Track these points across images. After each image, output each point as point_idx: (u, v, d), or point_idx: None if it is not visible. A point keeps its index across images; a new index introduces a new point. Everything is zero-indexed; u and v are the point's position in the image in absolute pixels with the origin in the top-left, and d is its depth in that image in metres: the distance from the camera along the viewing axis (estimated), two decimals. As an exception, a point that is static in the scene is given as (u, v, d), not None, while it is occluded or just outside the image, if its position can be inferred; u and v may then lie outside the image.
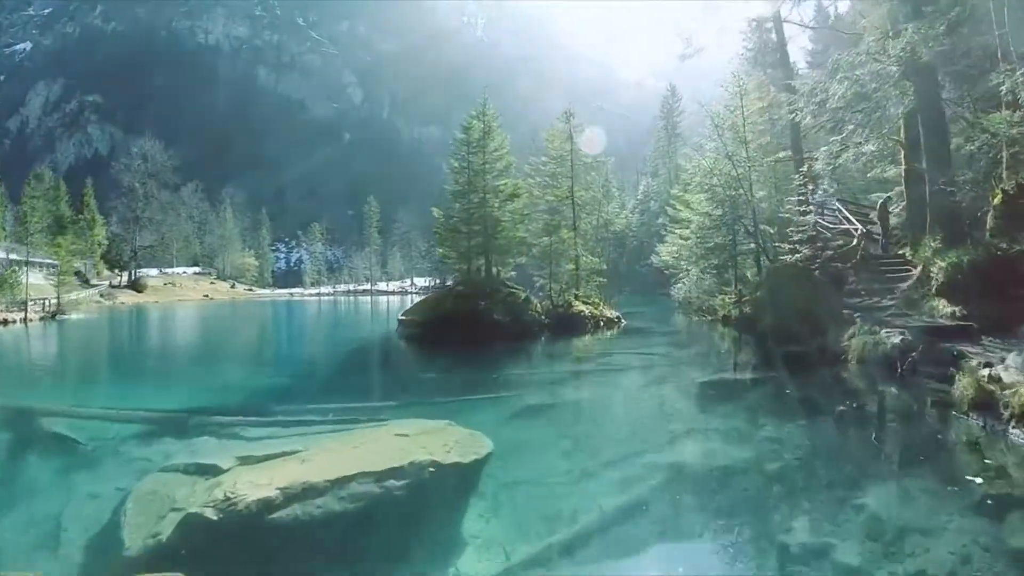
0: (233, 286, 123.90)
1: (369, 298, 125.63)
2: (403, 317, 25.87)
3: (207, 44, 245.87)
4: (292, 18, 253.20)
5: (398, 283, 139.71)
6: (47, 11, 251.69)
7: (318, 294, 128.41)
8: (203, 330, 43.30)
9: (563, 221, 29.06)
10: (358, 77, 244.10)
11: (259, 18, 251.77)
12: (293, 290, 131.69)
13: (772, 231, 23.25)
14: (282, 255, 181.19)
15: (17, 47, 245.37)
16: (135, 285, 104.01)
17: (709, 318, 27.43)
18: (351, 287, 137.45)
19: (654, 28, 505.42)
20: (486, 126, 29.29)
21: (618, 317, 27.85)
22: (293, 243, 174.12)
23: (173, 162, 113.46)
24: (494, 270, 27.64)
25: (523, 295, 25.95)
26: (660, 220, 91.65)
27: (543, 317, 25.79)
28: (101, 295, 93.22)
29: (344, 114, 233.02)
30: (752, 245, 24.14)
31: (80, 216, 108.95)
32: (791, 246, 21.32)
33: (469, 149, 28.51)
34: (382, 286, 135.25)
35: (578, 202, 29.33)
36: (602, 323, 26.34)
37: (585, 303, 27.35)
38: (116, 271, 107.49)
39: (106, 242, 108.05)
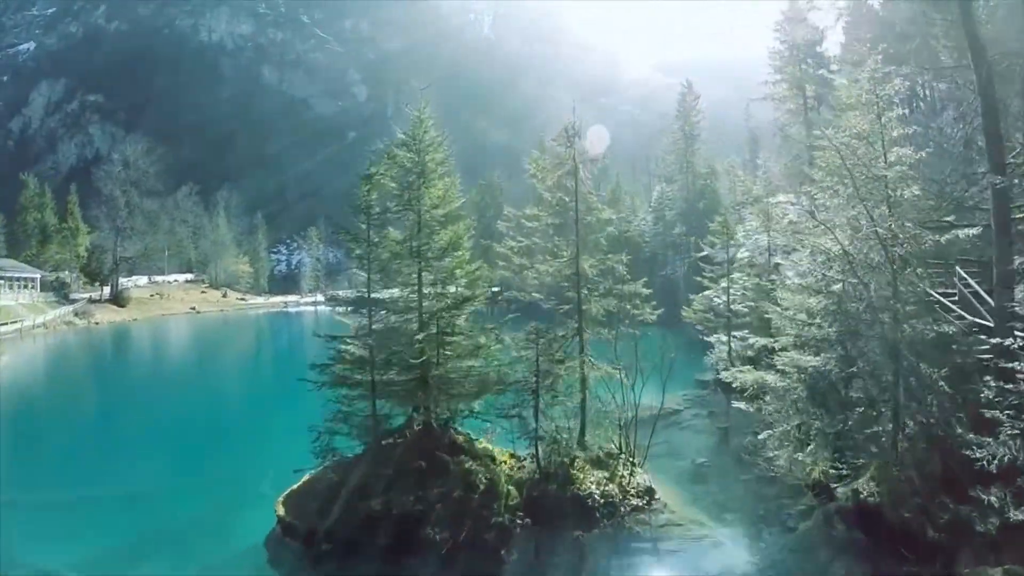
0: (225, 295, 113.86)
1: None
2: (281, 513, 13.68)
3: (210, 42, 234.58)
4: (296, 16, 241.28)
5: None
6: (50, 11, 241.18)
7: (314, 303, 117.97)
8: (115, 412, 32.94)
9: (563, 307, 17.47)
10: (362, 75, 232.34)
11: (263, 16, 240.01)
12: (288, 298, 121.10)
13: (933, 375, 11.79)
14: (283, 257, 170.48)
15: (21, 47, 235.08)
16: (117, 299, 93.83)
17: (779, 469, 16.22)
18: (350, 293, 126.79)
19: (659, 22, 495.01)
20: (420, 160, 15.76)
21: (648, 493, 15.41)
22: (295, 244, 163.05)
23: (157, 168, 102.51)
24: (439, 415, 15.22)
25: (485, 476, 13.72)
26: (676, 231, 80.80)
27: (518, 517, 13.78)
28: (76, 314, 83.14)
29: (348, 112, 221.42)
30: (884, 381, 12.87)
31: (64, 225, 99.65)
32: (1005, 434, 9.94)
33: (373, 219, 15.67)
34: (384, 292, 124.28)
35: (586, 275, 17.70)
36: (622, 509, 14.50)
37: (596, 464, 15.26)
38: (97, 284, 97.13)
39: (86, 254, 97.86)
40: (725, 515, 14.91)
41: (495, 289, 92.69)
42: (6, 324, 65.45)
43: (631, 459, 15.83)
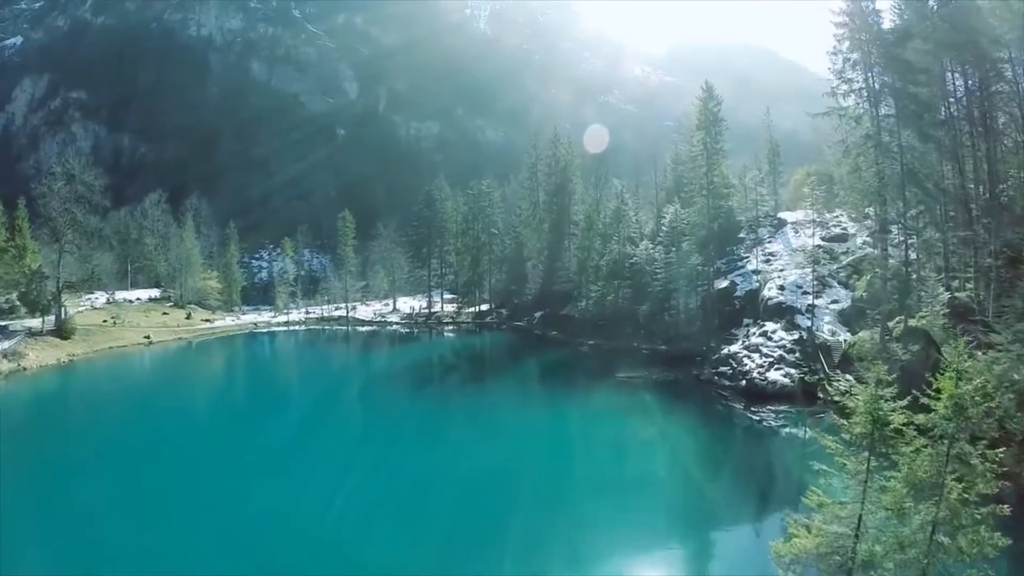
0: (189, 316, 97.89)
1: (347, 329, 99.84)
2: None
3: (199, 37, 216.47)
4: (288, 10, 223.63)
5: (380, 304, 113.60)
6: (38, 5, 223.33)
7: (287, 323, 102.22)
8: None
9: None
10: (354, 71, 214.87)
11: (254, 10, 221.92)
12: (259, 318, 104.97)
13: None
14: (264, 264, 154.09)
15: (7, 42, 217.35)
16: (61, 330, 77.25)
17: None
18: (326, 309, 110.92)
19: (655, 17, 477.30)
20: None
21: None
22: (278, 251, 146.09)
23: (101, 182, 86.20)
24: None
25: None
26: (693, 261, 64.83)
27: None
28: (4, 355, 66.91)
29: (339, 109, 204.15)
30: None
31: (12, 243, 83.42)
32: None
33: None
34: (362, 309, 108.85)
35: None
36: None
37: None
38: (38, 313, 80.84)
39: (24, 279, 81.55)
40: None
41: (483, 308, 76.27)
42: None
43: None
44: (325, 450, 36.51)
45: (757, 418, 41.78)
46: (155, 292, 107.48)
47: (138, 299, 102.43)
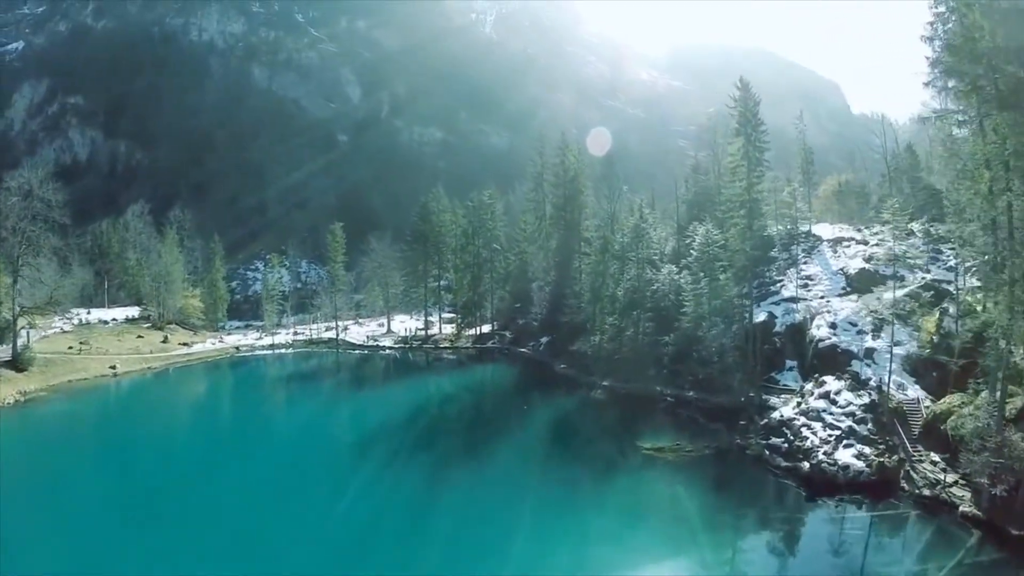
0: (166, 339, 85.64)
1: (336, 353, 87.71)
2: None
3: (200, 41, 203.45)
4: (290, 14, 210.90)
5: (375, 323, 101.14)
6: (40, 9, 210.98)
7: (272, 346, 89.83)
8: None
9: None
10: (357, 76, 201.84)
11: (256, 14, 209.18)
12: (243, 340, 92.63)
13: None
14: (259, 276, 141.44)
15: (9, 47, 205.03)
16: (17, 362, 64.66)
17: None
18: (318, 328, 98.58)
19: (657, 21, 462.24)
20: None
21: None
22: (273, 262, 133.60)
23: (61, 196, 73.25)
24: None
25: None
26: (731, 292, 51.65)
27: None
28: (-51, 396, 54.69)
29: (340, 115, 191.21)
30: None
31: (-30, 263, 71.13)
32: None
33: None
34: (354, 330, 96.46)
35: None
36: None
37: None
38: (-9, 341, 68.43)
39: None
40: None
41: (484, 331, 61.75)
42: None
43: None
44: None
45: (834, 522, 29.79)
46: (135, 311, 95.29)
47: (114, 320, 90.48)
